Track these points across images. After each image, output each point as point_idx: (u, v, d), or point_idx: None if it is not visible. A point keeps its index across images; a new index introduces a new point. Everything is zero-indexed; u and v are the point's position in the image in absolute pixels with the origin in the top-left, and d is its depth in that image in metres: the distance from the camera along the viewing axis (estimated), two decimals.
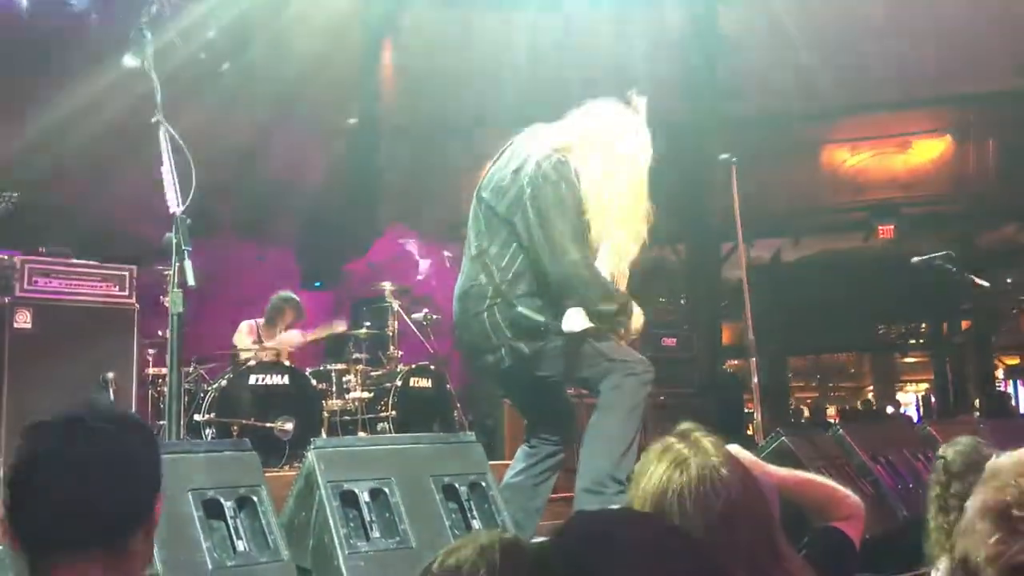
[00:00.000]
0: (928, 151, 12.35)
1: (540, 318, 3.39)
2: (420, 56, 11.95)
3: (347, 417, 6.77)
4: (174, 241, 2.88)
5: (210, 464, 2.32)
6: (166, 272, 3.13)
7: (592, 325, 3.40)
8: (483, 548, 1.12)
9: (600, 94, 3.74)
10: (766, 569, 1.67)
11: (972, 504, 1.75)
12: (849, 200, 12.58)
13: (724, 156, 4.70)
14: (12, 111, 8.03)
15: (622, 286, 3.56)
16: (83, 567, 1.25)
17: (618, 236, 3.46)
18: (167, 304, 3.06)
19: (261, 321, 7.20)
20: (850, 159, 12.62)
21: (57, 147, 7.97)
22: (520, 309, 3.37)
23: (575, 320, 3.38)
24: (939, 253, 5.13)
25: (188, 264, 2.85)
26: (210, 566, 2.16)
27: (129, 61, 3.23)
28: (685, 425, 1.89)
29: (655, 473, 1.73)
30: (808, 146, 12.67)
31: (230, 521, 2.26)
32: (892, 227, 11.95)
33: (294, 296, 7.29)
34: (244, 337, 7.05)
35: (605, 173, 3.44)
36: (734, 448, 2.28)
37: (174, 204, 2.92)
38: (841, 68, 11.33)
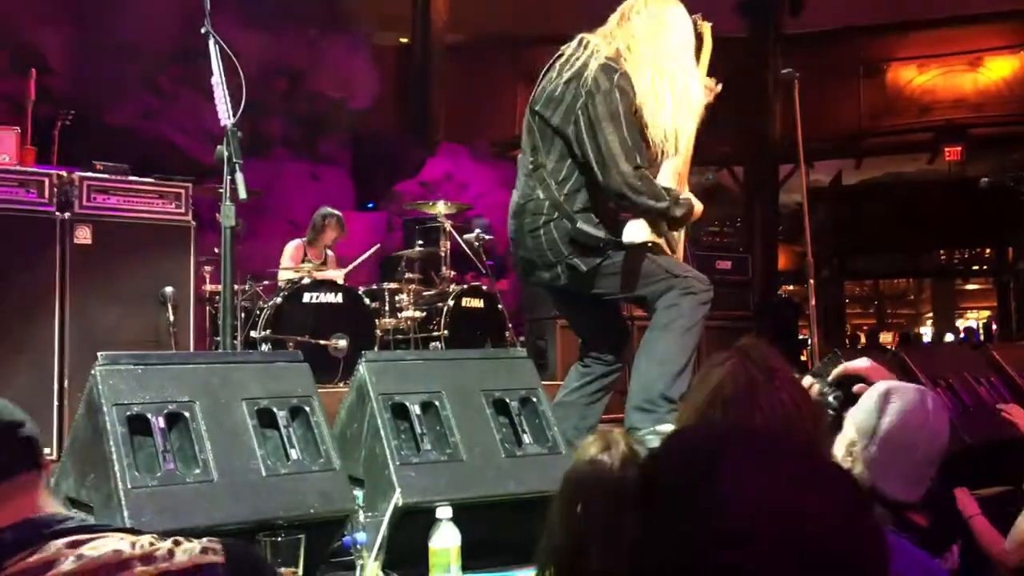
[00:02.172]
0: (1000, 69, 11.82)
1: (599, 234, 3.33)
2: None
3: (399, 336, 6.84)
4: (225, 154, 2.87)
5: (263, 374, 2.35)
6: (220, 190, 3.13)
7: (653, 237, 3.35)
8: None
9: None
10: None
11: None
12: (915, 120, 12.15)
13: (786, 71, 4.53)
14: (71, 32, 8.07)
15: (684, 190, 3.49)
16: (4, 498, 1.29)
17: (679, 132, 3.37)
18: (220, 219, 3.06)
19: (306, 240, 7.24)
20: (917, 78, 12.14)
21: (112, 68, 8.02)
22: (579, 225, 3.32)
23: (635, 232, 3.33)
24: (1009, 174, 4.93)
25: (240, 177, 2.84)
26: (264, 473, 2.19)
27: None
28: (746, 340, 1.85)
29: (703, 386, 1.70)
30: (873, 64, 12.20)
31: (283, 430, 2.29)
32: (959, 149, 11.54)
33: (334, 212, 7.27)
34: (288, 258, 7.10)
35: (659, 76, 3.33)
36: (859, 362, 2.23)
37: (225, 117, 2.89)
38: None
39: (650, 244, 3.36)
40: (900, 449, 1.91)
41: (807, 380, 2.29)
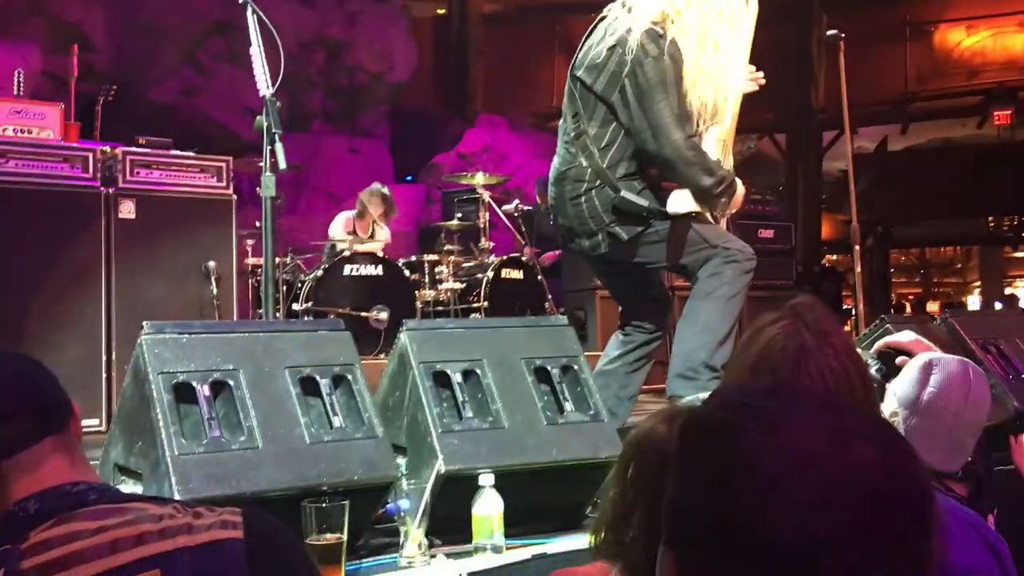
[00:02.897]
0: None
1: (643, 202, 3.30)
2: None
3: (439, 307, 6.86)
4: (264, 124, 2.87)
5: (306, 342, 2.36)
6: (259, 163, 3.14)
7: (697, 208, 3.31)
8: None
9: None
10: None
11: None
12: (963, 84, 11.84)
13: (831, 32, 4.42)
14: (112, 9, 8.13)
15: (727, 163, 3.43)
16: (32, 464, 1.25)
17: (721, 97, 3.32)
18: (260, 191, 3.08)
19: (355, 214, 7.26)
20: (965, 40, 11.82)
21: (155, 44, 8.08)
22: (623, 193, 3.28)
23: (680, 202, 3.29)
24: None
25: (279, 147, 2.85)
26: (307, 440, 2.21)
27: None
28: (800, 299, 1.81)
29: (751, 348, 1.67)
30: (919, 26, 11.89)
31: (326, 398, 2.30)
32: (1009, 112, 11.24)
33: (382, 189, 7.28)
34: (339, 229, 7.13)
35: (704, 41, 3.27)
36: (903, 335, 2.23)
37: (264, 87, 2.90)
38: None
39: (694, 213, 3.32)
40: (942, 420, 1.91)
41: None
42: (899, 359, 2.19)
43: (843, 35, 4.39)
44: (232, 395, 2.21)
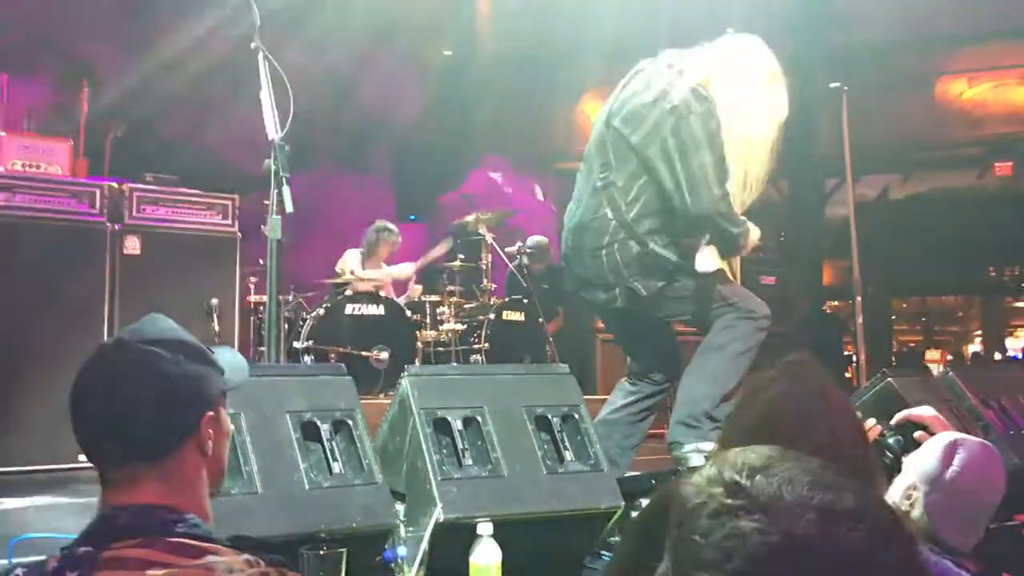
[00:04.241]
0: None
1: (672, 256, 3.31)
2: None
3: (440, 348, 6.86)
4: (273, 168, 2.90)
5: (307, 387, 2.36)
6: (266, 202, 3.17)
7: (722, 265, 3.34)
8: None
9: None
10: None
11: None
12: (964, 135, 11.92)
13: (835, 84, 4.48)
14: (122, 46, 8.23)
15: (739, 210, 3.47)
16: (129, 480, 1.30)
17: (748, 171, 3.36)
18: (266, 232, 3.10)
19: (362, 252, 7.28)
20: (967, 91, 11.93)
21: (165, 80, 8.16)
22: (651, 247, 3.30)
23: (708, 261, 3.32)
24: None
25: (287, 190, 2.88)
26: (307, 486, 2.21)
27: None
28: (798, 357, 1.83)
29: (757, 404, 1.68)
30: (922, 77, 12.00)
31: (326, 443, 2.30)
32: (1010, 164, 11.31)
33: (389, 226, 7.31)
34: (350, 264, 7.13)
35: (743, 108, 3.32)
36: (922, 410, 2.30)
37: (272, 131, 2.93)
38: None
39: (718, 271, 3.36)
40: (964, 499, 1.99)
41: (870, 421, 2.32)
42: (917, 433, 2.25)
43: (846, 88, 4.45)
44: (233, 440, 2.21)
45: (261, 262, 6.03)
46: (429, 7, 11.15)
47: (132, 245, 4.97)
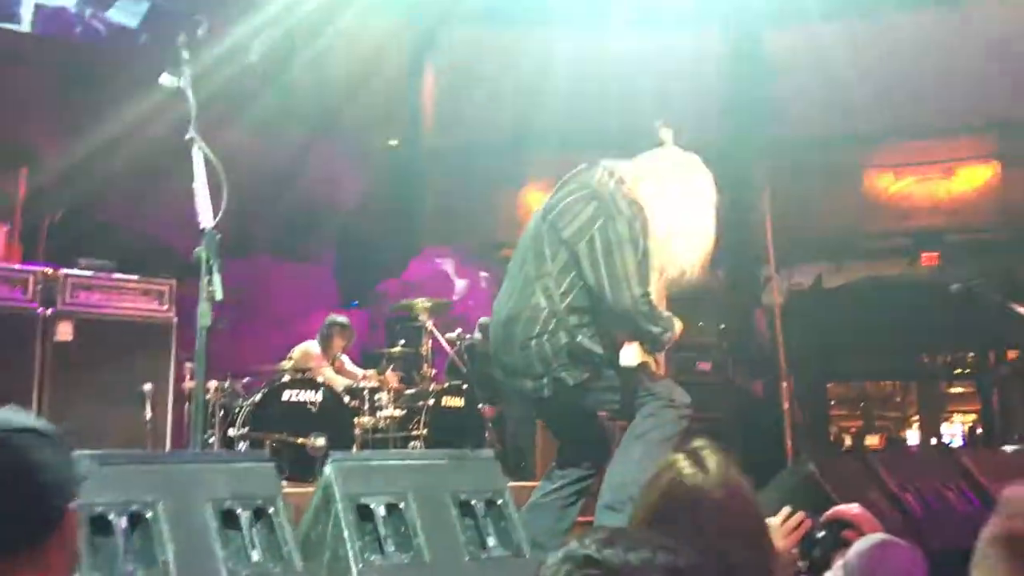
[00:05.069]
0: (973, 178, 12.15)
1: (598, 349, 3.41)
2: (461, 76, 12.07)
3: (379, 435, 6.80)
4: (203, 256, 2.94)
5: (228, 475, 2.36)
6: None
7: (647, 360, 3.43)
8: None
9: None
10: None
11: (984, 533, 1.76)
12: (892, 226, 12.41)
13: (760, 184, 4.69)
14: (61, 129, 8.26)
15: (662, 306, 3.58)
16: None
17: (671, 270, 3.49)
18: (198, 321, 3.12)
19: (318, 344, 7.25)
20: (893, 185, 12.46)
21: (102, 165, 8.18)
22: (580, 338, 3.39)
23: (632, 356, 3.42)
24: (976, 280, 5.06)
25: (217, 278, 2.91)
26: (224, 575, 2.19)
27: (166, 80, 3.32)
28: (697, 442, 1.91)
29: (656, 486, 1.75)
30: (851, 171, 12.53)
31: (246, 532, 2.29)
32: (936, 255, 11.76)
33: (340, 320, 7.33)
34: (313, 359, 7.07)
35: (671, 215, 3.48)
36: (851, 507, 2.38)
37: (205, 219, 2.98)
38: (885, 93, 11.24)
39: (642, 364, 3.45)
40: None
41: (784, 510, 2.41)
42: (845, 531, 2.33)
43: (767, 183, 4.64)
44: (149, 528, 2.20)
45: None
46: (376, 97, 11.39)
47: (64, 331, 4.93)
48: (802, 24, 11.39)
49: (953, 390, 20.20)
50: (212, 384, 6.21)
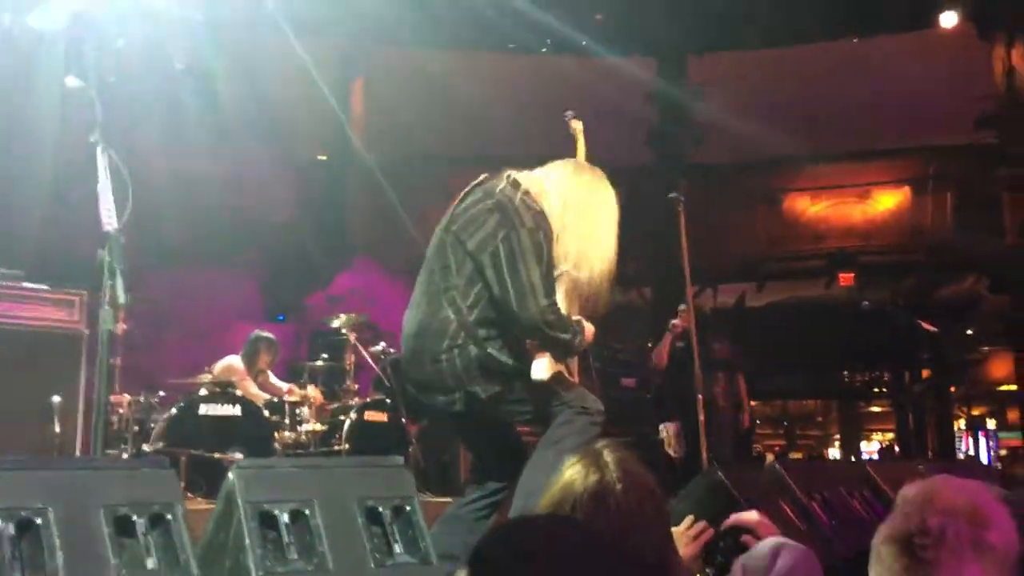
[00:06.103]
0: (887, 201, 12.59)
1: (508, 361, 3.40)
2: (391, 95, 12.09)
3: (300, 450, 6.72)
4: (106, 260, 2.88)
5: (124, 480, 2.29)
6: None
7: (559, 370, 3.43)
8: None
9: (567, 136, 3.86)
10: None
11: (879, 533, 1.81)
12: (810, 248, 12.79)
13: (672, 195, 4.76)
14: None
15: (574, 312, 3.59)
16: None
17: (581, 281, 3.50)
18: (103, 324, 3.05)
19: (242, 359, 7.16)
20: (811, 207, 12.84)
21: (20, 172, 7.95)
22: (490, 351, 3.37)
23: (542, 368, 3.41)
24: (887, 300, 5.22)
25: (119, 282, 2.85)
26: None
27: (71, 82, 3.25)
28: (601, 443, 1.95)
29: (557, 486, 1.78)
30: (772, 194, 12.89)
31: (141, 539, 2.23)
32: (852, 275, 12.13)
33: (267, 336, 7.27)
34: (233, 372, 6.96)
35: (576, 224, 3.49)
36: (749, 515, 2.43)
37: (108, 222, 2.92)
38: (804, 118, 11.59)
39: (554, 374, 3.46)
40: None
41: (688, 520, 2.46)
42: (744, 537, 2.38)
43: (682, 198, 4.73)
44: (39, 536, 2.12)
45: (111, 361, 5.84)
46: (305, 112, 11.33)
47: None
48: (726, 51, 11.71)
49: (872, 409, 20.82)
50: (126, 398, 6.08)
